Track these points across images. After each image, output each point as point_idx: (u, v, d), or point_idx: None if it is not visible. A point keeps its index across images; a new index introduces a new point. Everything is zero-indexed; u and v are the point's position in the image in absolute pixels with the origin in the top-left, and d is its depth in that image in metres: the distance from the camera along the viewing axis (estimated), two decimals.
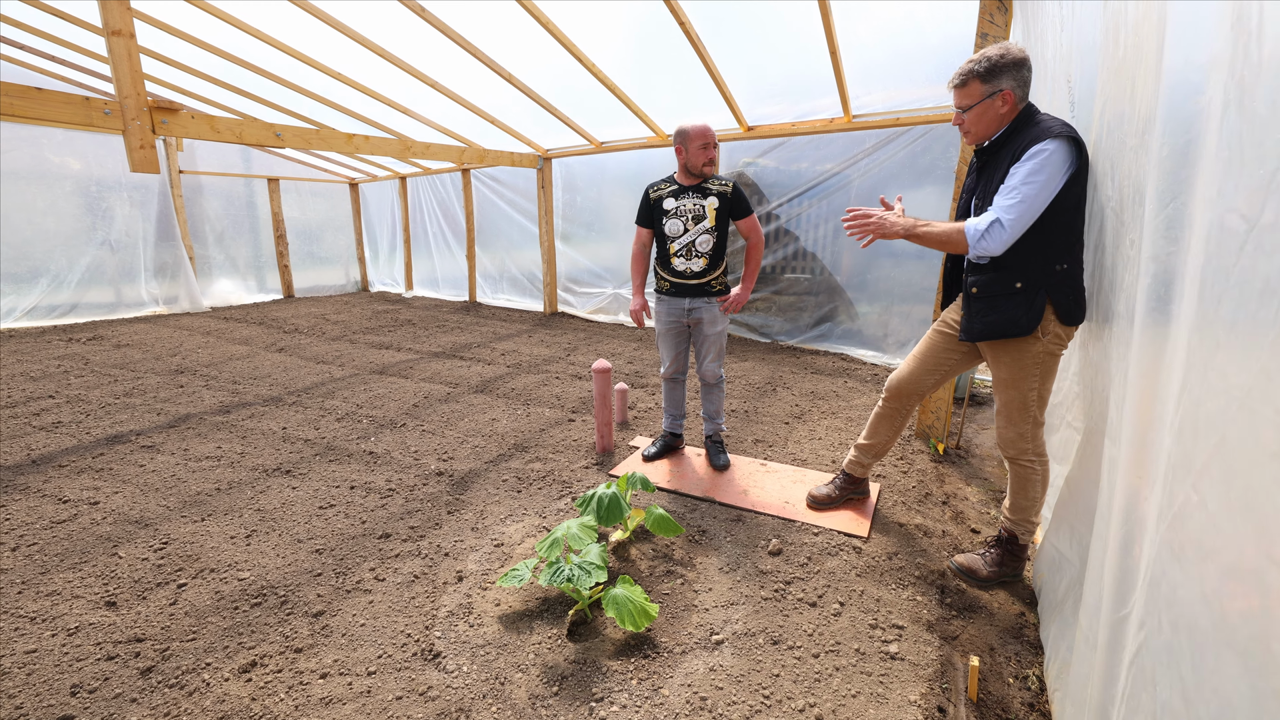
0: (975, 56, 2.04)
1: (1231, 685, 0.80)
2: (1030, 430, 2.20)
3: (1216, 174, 0.94)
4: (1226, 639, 0.83)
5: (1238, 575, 0.83)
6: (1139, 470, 1.19)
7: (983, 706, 1.82)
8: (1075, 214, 1.95)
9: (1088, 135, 2.01)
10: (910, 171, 5.10)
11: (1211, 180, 0.95)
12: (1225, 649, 0.83)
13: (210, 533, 2.70)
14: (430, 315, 8.34)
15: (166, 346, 6.32)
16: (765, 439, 3.76)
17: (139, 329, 7.21)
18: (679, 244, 2.99)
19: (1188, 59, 1.13)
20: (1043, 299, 2.01)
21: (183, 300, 8.52)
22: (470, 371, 5.42)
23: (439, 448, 3.67)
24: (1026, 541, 2.35)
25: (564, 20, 4.44)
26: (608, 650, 1.99)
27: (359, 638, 2.06)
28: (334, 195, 10.74)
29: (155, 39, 5.35)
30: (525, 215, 8.23)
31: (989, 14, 3.06)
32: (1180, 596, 0.97)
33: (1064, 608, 1.88)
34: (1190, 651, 0.91)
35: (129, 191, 7.97)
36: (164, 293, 8.42)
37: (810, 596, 2.24)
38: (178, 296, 8.50)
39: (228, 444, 3.71)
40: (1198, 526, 0.93)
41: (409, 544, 2.62)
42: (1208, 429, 0.92)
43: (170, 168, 8.26)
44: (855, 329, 5.78)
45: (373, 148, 5.69)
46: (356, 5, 4.47)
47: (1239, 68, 0.89)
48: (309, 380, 5.15)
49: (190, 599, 2.25)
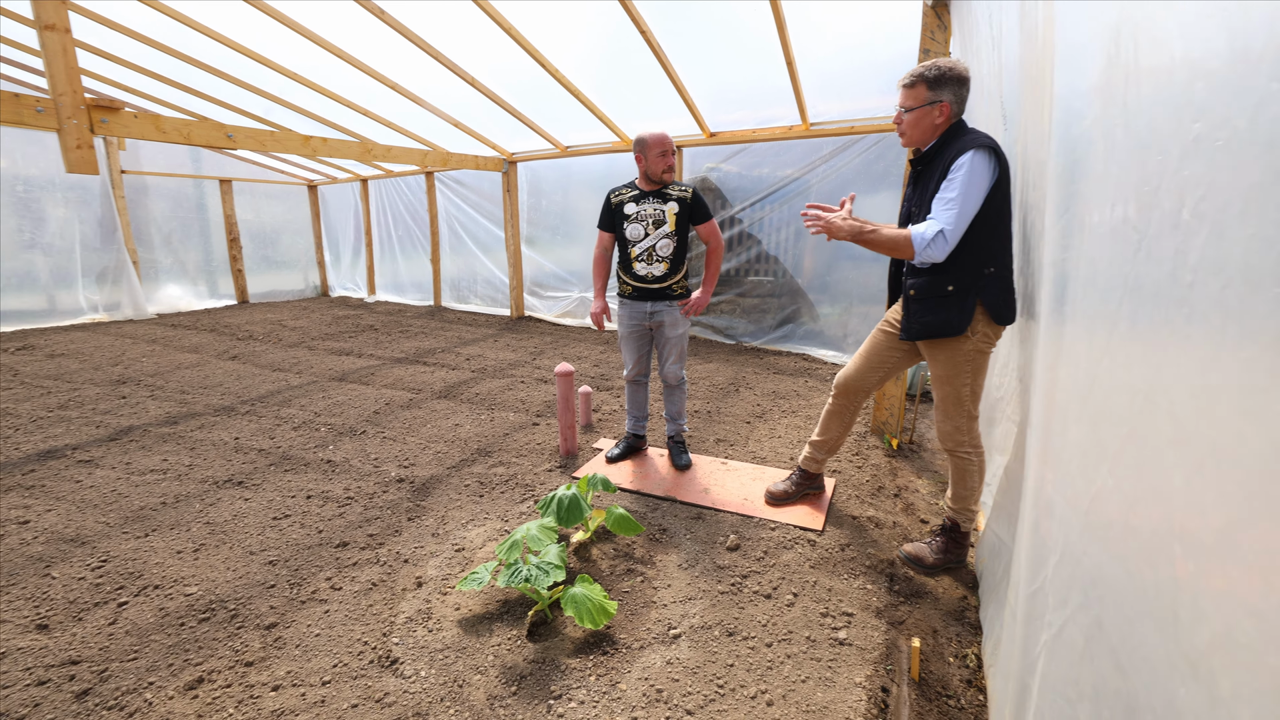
0: (928, 62, 2.14)
1: (1156, 651, 0.86)
2: (965, 424, 2.31)
3: (1108, 189, 1.02)
4: (1147, 610, 0.89)
5: (1152, 550, 0.89)
6: (1044, 457, 1.26)
7: (924, 685, 1.89)
8: (1000, 220, 2.07)
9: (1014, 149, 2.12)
10: (865, 177, 5.25)
11: (1103, 195, 1.03)
12: (1146, 619, 0.89)
13: (154, 548, 2.60)
14: (393, 320, 8.20)
15: (107, 356, 6.05)
16: (727, 438, 3.82)
17: (76, 338, 6.88)
18: (640, 248, 3.02)
19: (1073, 86, 1.22)
20: (973, 301, 2.12)
21: (125, 307, 8.13)
22: (434, 377, 5.36)
23: (400, 454, 3.61)
24: (969, 529, 2.45)
25: (526, 25, 4.44)
26: (567, 649, 2.00)
27: (313, 648, 2.02)
28: (291, 197, 10.46)
29: (100, 35, 5.16)
30: (490, 219, 8.17)
31: (930, 31, 3.22)
32: (1105, 574, 1.03)
33: (1000, 589, 1.98)
34: (1119, 624, 0.97)
35: (64, 192, 7.57)
36: (105, 299, 8.01)
37: (765, 589, 2.29)
38: (120, 303, 8.10)
39: (175, 456, 3.58)
40: (1115, 509, 1.00)
41: (367, 552, 2.58)
42: (1118, 420, 0.99)
43: (111, 168, 7.91)
44: (817, 330, 5.90)
45: (332, 150, 5.58)
46: (314, 6, 4.38)
47: (1122, 96, 0.97)
48: (264, 388, 5.01)
49: (131, 618, 2.16)
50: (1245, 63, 0.68)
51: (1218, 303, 0.71)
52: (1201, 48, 0.77)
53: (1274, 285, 0.61)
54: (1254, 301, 0.65)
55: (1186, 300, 0.78)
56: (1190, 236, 0.78)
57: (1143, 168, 0.92)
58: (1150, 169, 0.90)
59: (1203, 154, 0.76)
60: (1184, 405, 0.79)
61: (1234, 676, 0.66)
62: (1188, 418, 0.78)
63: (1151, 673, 0.87)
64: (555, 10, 4.26)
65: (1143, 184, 0.92)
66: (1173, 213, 0.82)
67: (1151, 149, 0.89)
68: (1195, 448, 0.76)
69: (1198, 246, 0.76)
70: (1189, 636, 0.77)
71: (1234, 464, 0.68)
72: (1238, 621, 0.66)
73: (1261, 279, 0.63)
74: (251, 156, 9.16)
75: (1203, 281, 0.75)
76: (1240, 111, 0.69)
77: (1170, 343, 0.83)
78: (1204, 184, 0.75)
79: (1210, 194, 0.74)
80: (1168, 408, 0.83)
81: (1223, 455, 0.70)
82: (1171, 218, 0.83)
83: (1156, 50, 0.88)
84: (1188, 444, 0.78)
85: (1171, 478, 0.82)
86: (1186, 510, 0.79)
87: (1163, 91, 0.86)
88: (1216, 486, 0.72)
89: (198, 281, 9.27)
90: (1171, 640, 0.81)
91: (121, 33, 4.99)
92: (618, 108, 5.82)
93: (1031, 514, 1.33)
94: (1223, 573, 0.70)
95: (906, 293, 2.29)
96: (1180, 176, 0.81)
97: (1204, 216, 0.75)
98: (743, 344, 6.33)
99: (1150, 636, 0.87)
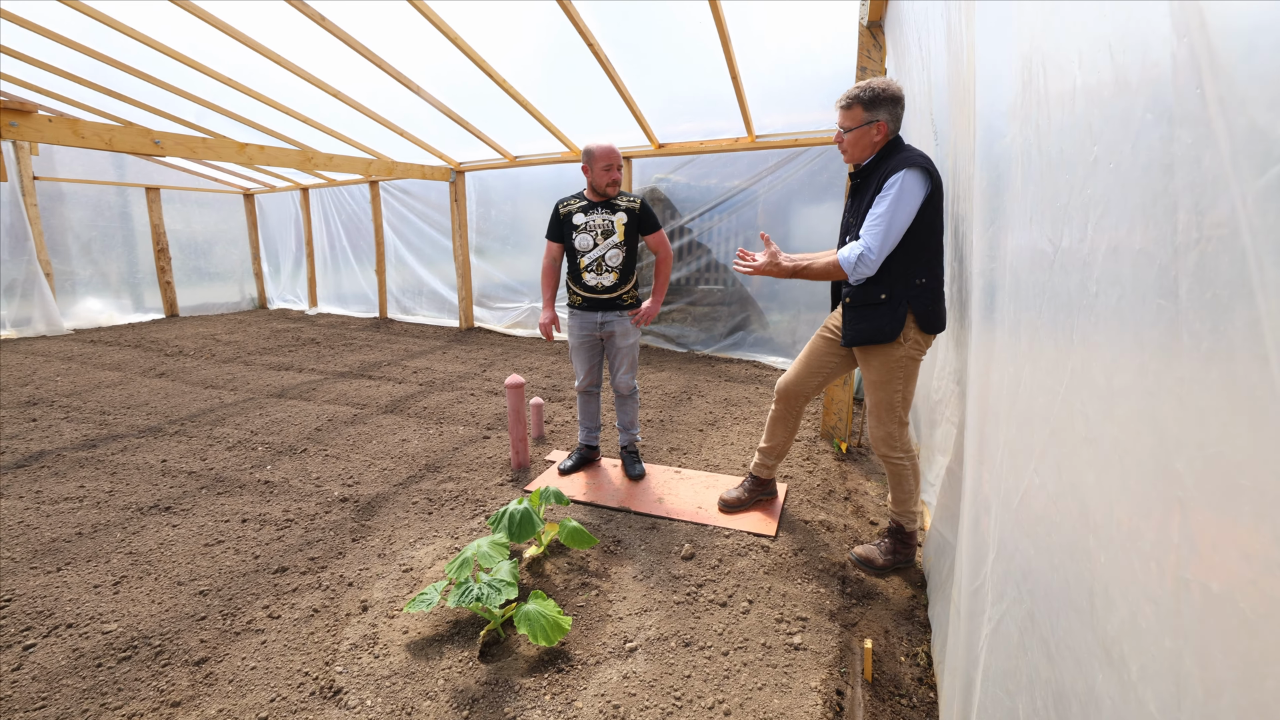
0: (862, 84, 2.23)
1: (1079, 640, 0.91)
2: (896, 430, 2.41)
3: (1027, 204, 1.10)
4: (1069, 600, 0.94)
5: (1071, 544, 0.94)
6: (981, 456, 1.33)
7: (877, 685, 1.94)
8: (930, 234, 2.18)
9: (946, 164, 2.23)
10: (810, 188, 5.42)
11: (1023, 210, 1.10)
12: (1069, 610, 0.94)
13: (68, 583, 2.41)
14: (336, 333, 7.93)
15: (15, 375, 5.63)
16: (680, 447, 3.84)
17: None
18: (589, 258, 3.02)
19: (994, 107, 1.30)
20: (904, 309, 2.22)
21: (37, 322, 7.55)
22: (379, 391, 5.21)
23: (344, 472, 3.49)
24: (913, 529, 2.54)
25: (472, 33, 4.40)
26: (521, 668, 1.97)
27: (249, 682, 1.92)
28: (226, 206, 10.02)
29: (15, 35, 4.83)
30: (438, 229, 8.03)
31: (867, 50, 3.36)
32: (1034, 567, 1.09)
33: (946, 587, 2.05)
34: (1048, 616, 1.03)
35: None
36: (13, 314, 7.43)
37: (721, 597, 2.31)
38: (30, 318, 7.52)
39: (93, 482, 3.35)
40: (1041, 505, 1.06)
41: (308, 576, 2.48)
42: (1041, 420, 1.05)
43: (22, 174, 7.39)
44: (767, 337, 6.02)
45: (270, 159, 5.39)
46: (250, 10, 4.23)
47: (1035, 117, 1.04)
48: (195, 407, 4.76)
49: (40, 661, 1.99)
50: (1127, 93, 0.74)
51: (1116, 312, 0.77)
52: (1095, 78, 0.83)
53: (1156, 297, 0.67)
54: (1142, 311, 0.70)
55: (1093, 310, 0.84)
56: (1094, 250, 0.84)
57: (1054, 185, 0.99)
58: (1061, 187, 0.96)
59: (1101, 175, 0.82)
60: (1093, 407, 0.85)
61: (1140, 660, 0.71)
62: (1096, 419, 0.84)
63: (1075, 661, 0.91)
64: (501, 18, 4.24)
65: (1055, 200, 0.98)
66: (1080, 228, 0.89)
67: (1061, 169, 0.96)
68: (1102, 447, 0.82)
69: (1099, 260, 0.82)
70: (1103, 624, 0.82)
71: (1134, 461, 0.73)
72: (1140, 608, 0.71)
73: (1146, 291, 0.69)
74: (181, 163, 8.75)
75: (1104, 292, 0.81)
76: (1125, 138, 0.75)
77: (1081, 349, 0.89)
78: (1103, 203, 0.81)
79: (1108, 212, 0.80)
80: (1080, 409, 0.89)
81: (1125, 453, 0.75)
82: (1079, 232, 0.89)
83: (1061, 77, 0.94)
84: (1097, 443, 0.84)
85: (1085, 475, 0.88)
86: (1097, 505, 0.84)
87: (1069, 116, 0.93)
88: (1120, 482, 0.77)
89: (121, 294, 8.75)
90: (1089, 628, 0.86)
91: (39, 33, 4.69)
92: (566, 118, 5.83)
93: (971, 512, 1.39)
94: (1127, 563, 0.75)
95: (843, 301, 2.39)
96: (1085, 195, 0.87)
97: (1104, 232, 0.81)
98: (694, 352, 6.40)
99: (1074, 626, 0.92)
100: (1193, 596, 0.60)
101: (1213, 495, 0.58)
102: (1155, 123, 0.68)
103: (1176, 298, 0.63)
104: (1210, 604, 0.58)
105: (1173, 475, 0.63)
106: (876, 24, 3.29)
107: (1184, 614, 0.62)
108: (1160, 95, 0.66)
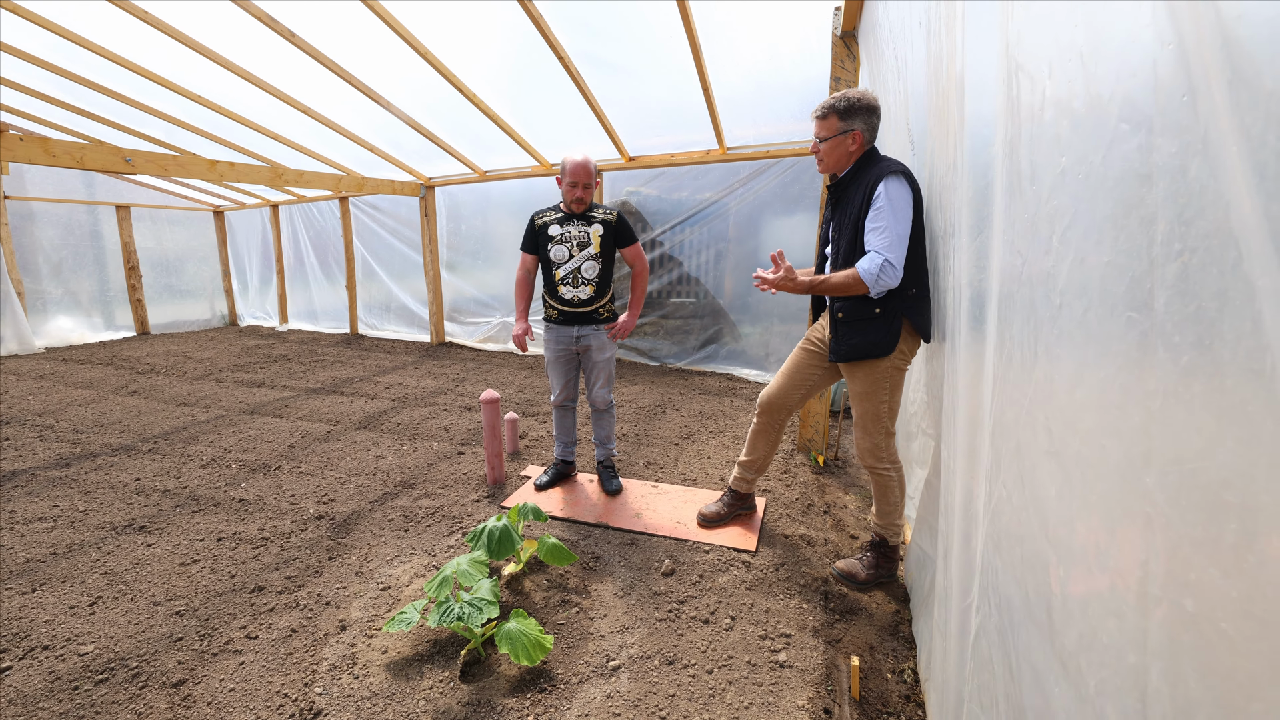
0: (838, 94, 2.25)
1: (1038, 654, 0.91)
2: (883, 440, 2.39)
3: (1003, 214, 1.11)
4: (1029, 614, 0.94)
5: (1032, 558, 0.94)
6: (972, 471, 1.34)
7: (865, 703, 1.92)
8: (917, 243, 2.18)
9: (922, 173, 2.25)
10: (782, 200, 5.46)
11: (1001, 218, 1.12)
12: (1029, 623, 0.94)
13: (43, 604, 2.36)
14: (308, 350, 7.81)
15: None
16: (656, 461, 3.83)
17: None
18: (564, 270, 3.00)
19: (979, 114, 1.32)
20: (899, 322, 2.22)
21: (9, 341, 7.43)
22: (352, 407, 5.13)
23: (318, 490, 3.43)
24: (897, 543, 2.53)
25: (440, 47, 4.38)
26: (503, 688, 1.94)
27: (227, 704, 1.87)
28: (196, 223, 9.86)
29: None
30: (409, 244, 7.97)
31: (840, 60, 3.40)
32: (1000, 581, 1.09)
33: (929, 602, 2.03)
34: (1010, 629, 1.03)
35: None
36: None
37: (703, 614, 2.29)
38: (3, 337, 7.40)
39: (66, 501, 3.27)
40: (1007, 519, 1.06)
41: (285, 595, 2.43)
42: (1007, 434, 1.06)
43: None
44: (740, 349, 6.03)
45: (240, 175, 5.32)
46: (217, 27, 4.19)
47: (1007, 128, 1.07)
48: (168, 425, 4.65)
49: (16, 684, 1.95)
50: (1099, 104, 0.75)
51: (1081, 324, 0.78)
52: (1066, 89, 0.84)
53: (1127, 309, 0.67)
54: (1111, 324, 0.71)
55: (1057, 321, 0.85)
56: (1059, 261, 0.85)
57: (1023, 196, 1.00)
58: (1028, 198, 0.97)
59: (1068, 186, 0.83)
60: (1055, 419, 0.86)
61: (1099, 674, 0.71)
62: (1059, 431, 0.85)
63: (1033, 674, 0.91)
64: (470, 30, 4.22)
65: (1023, 211, 0.99)
66: (1045, 239, 0.90)
67: (1030, 180, 0.97)
68: (1065, 460, 0.83)
69: (1064, 271, 0.83)
70: (1060, 638, 0.82)
71: (1097, 475, 0.73)
72: (1101, 622, 0.71)
73: (1116, 303, 0.69)
74: (152, 181, 8.61)
75: (1069, 304, 0.81)
76: (1095, 148, 0.75)
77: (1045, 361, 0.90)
78: (1069, 213, 0.82)
79: (1074, 223, 0.81)
80: (1044, 421, 0.90)
81: (1087, 467, 0.76)
82: (1044, 244, 0.90)
83: (1033, 88, 0.95)
84: (1059, 456, 0.84)
85: (1046, 488, 0.88)
86: (1058, 519, 0.84)
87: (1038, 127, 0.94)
88: (1082, 496, 0.77)
89: (92, 313, 8.59)
90: (1047, 642, 0.87)
91: (8, 52, 4.62)
92: (536, 132, 5.82)
93: (962, 526, 1.37)
94: (1088, 577, 0.75)
95: (834, 315, 2.35)
96: (1051, 206, 0.88)
97: (1069, 243, 0.82)
98: (667, 365, 6.39)
99: (1033, 640, 0.92)
100: (1162, 613, 0.59)
101: (1189, 511, 0.56)
102: (1132, 132, 0.67)
103: (1151, 310, 0.62)
104: (1184, 622, 0.56)
105: (1141, 490, 0.63)
106: (850, 34, 3.33)
107: (1151, 631, 0.61)
108: (1138, 104, 0.66)
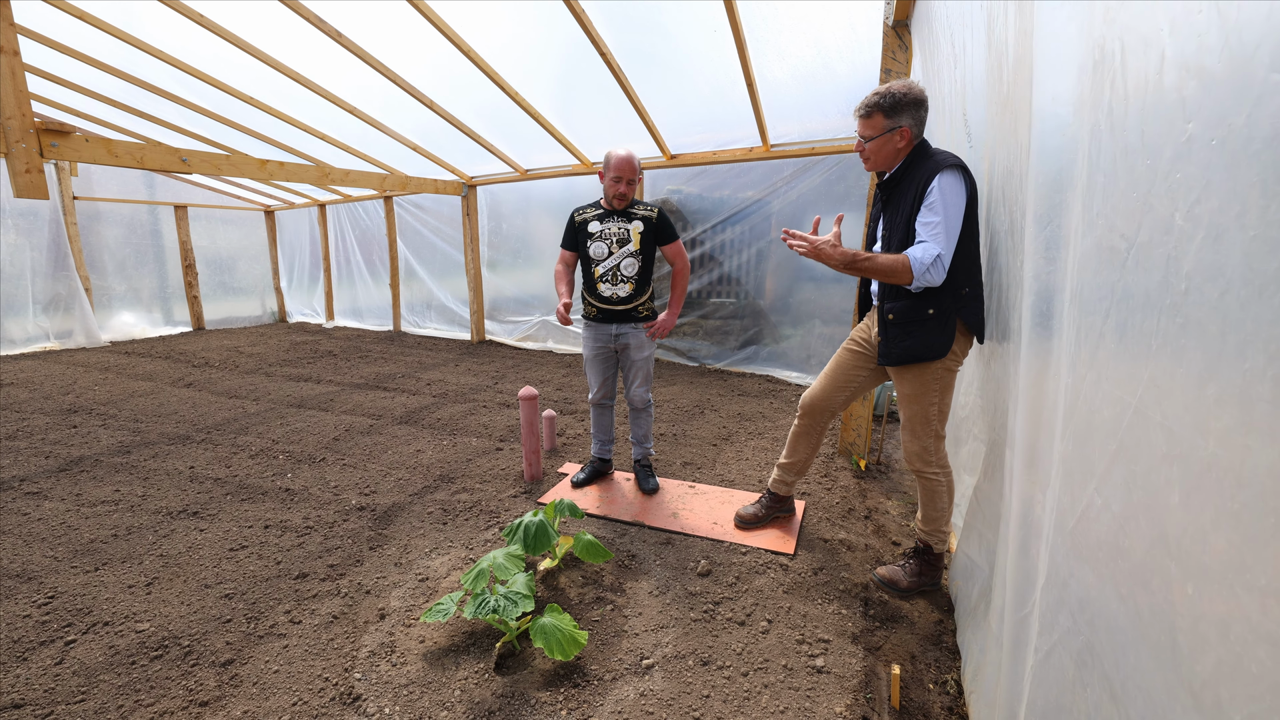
0: (881, 89, 2.10)
1: (1152, 680, 0.81)
2: (933, 443, 2.27)
3: (1094, 198, 1.00)
4: (1142, 635, 0.84)
5: (1144, 572, 0.85)
6: (1032, 476, 1.23)
7: (905, 713, 1.83)
8: (970, 239, 2.05)
9: (982, 166, 2.12)
10: (827, 199, 5.29)
11: (1090, 204, 1.01)
12: (1141, 644, 0.84)
13: (105, 583, 2.45)
14: (352, 346, 7.98)
15: (58, 384, 5.76)
16: (694, 461, 3.76)
17: (26, 366, 6.57)
18: (604, 267, 2.95)
19: (1055, 95, 1.21)
20: (953, 323, 2.09)
21: (78, 334, 7.83)
22: (394, 402, 5.20)
23: (360, 482, 3.47)
24: (942, 550, 2.41)
25: (485, 49, 4.40)
26: (536, 681, 1.91)
27: (272, 685, 1.90)
28: (248, 223, 10.20)
29: (49, 59, 4.97)
30: (450, 243, 8.06)
31: (891, 51, 3.25)
32: (1094, 597, 0.99)
33: (977, 612, 1.92)
34: (1112, 650, 0.93)
35: (13, 219, 7.28)
36: (56, 327, 7.72)
37: (739, 615, 2.23)
38: (72, 330, 7.81)
39: (127, 486, 3.39)
40: (1105, 528, 0.95)
41: (328, 583, 2.45)
42: (1105, 435, 0.95)
43: (63, 193, 7.62)
44: (780, 351, 5.90)
45: (289, 175, 5.45)
46: (268, 29, 4.28)
47: (1108, 101, 0.95)
48: (220, 416, 4.80)
49: (80, 656, 2.03)
50: (1241, 56, 0.65)
51: (1216, 310, 0.68)
52: (1194, 44, 0.74)
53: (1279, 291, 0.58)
54: (1257, 308, 0.61)
55: (1180, 309, 0.75)
56: (1184, 241, 0.74)
57: (1131, 174, 0.89)
58: (1139, 174, 0.86)
59: (1196, 155, 0.72)
60: (1179, 419, 0.76)
61: (1246, 709, 0.62)
62: (1183, 432, 0.75)
63: (1148, 702, 0.82)
64: (514, 33, 4.23)
65: (1130, 190, 0.89)
66: (1165, 218, 0.79)
67: (1139, 153, 0.86)
68: (1191, 465, 0.73)
69: (1192, 252, 0.72)
70: (1190, 665, 0.73)
71: (1238, 482, 0.64)
72: (1249, 649, 0.62)
73: (1265, 284, 0.60)
74: (207, 182, 8.94)
75: (1198, 288, 0.71)
76: (1237, 108, 0.65)
77: (1163, 354, 0.80)
78: (1198, 186, 0.72)
79: (1205, 196, 0.70)
80: (1160, 422, 0.80)
81: (1224, 472, 0.66)
82: (1164, 223, 0.79)
83: (1146, 51, 0.85)
84: (1184, 460, 0.74)
85: (1166, 496, 0.78)
86: (1183, 530, 0.75)
87: (1151, 94, 0.83)
88: (1216, 504, 0.67)
89: (152, 308, 8.98)
90: (1170, 668, 0.77)
91: (73, 56, 4.83)
92: (578, 130, 5.80)
93: (1019, 535, 1.28)
94: (1229, 597, 0.66)
95: (885, 317, 2.21)
96: (1172, 180, 0.77)
97: (1199, 220, 0.71)
98: (706, 366, 6.29)
99: (1146, 664, 0.83)
100: None
101: None
102: None
103: None
104: None
105: None
106: (902, 23, 3.19)
107: None
108: None
